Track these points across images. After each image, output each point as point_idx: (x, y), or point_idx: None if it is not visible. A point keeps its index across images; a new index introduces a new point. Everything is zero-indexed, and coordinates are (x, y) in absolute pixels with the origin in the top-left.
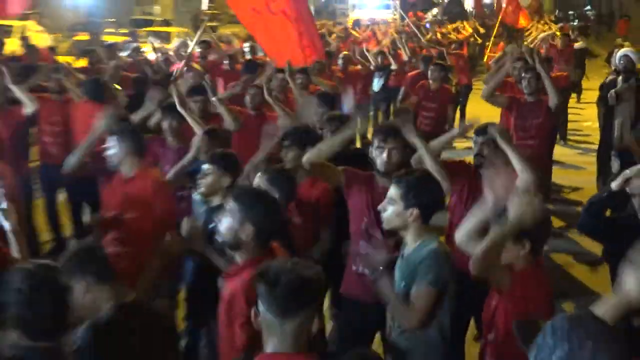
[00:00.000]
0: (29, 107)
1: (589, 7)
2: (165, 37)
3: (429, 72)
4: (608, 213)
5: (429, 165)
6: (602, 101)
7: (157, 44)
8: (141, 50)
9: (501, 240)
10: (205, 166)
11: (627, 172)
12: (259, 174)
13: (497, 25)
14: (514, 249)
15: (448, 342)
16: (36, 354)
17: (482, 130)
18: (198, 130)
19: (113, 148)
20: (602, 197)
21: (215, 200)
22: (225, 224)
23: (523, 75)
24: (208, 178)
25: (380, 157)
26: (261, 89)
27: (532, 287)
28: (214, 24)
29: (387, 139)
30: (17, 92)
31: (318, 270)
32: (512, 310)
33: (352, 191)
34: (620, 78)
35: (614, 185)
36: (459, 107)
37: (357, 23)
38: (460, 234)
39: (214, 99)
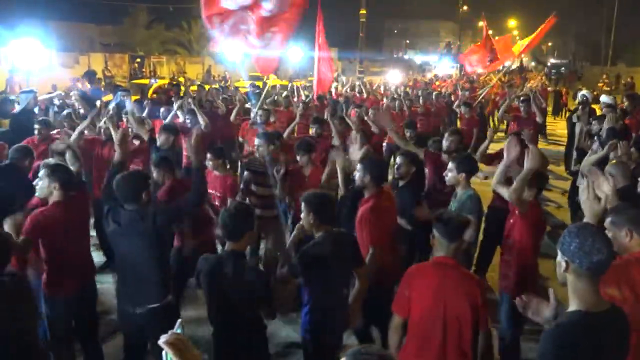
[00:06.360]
0: None
1: (563, 68)
2: None
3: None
4: None
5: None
6: (569, 118)
7: None
8: None
9: (524, 181)
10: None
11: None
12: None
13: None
14: (530, 190)
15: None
16: None
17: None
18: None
19: None
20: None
21: None
22: (358, 176)
23: (520, 103)
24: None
25: (445, 143)
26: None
27: (535, 212)
28: None
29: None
30: None
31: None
32: (521, 223)
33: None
34: (580, 107)
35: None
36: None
37: (436, 76)
38: (495, 180)
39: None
